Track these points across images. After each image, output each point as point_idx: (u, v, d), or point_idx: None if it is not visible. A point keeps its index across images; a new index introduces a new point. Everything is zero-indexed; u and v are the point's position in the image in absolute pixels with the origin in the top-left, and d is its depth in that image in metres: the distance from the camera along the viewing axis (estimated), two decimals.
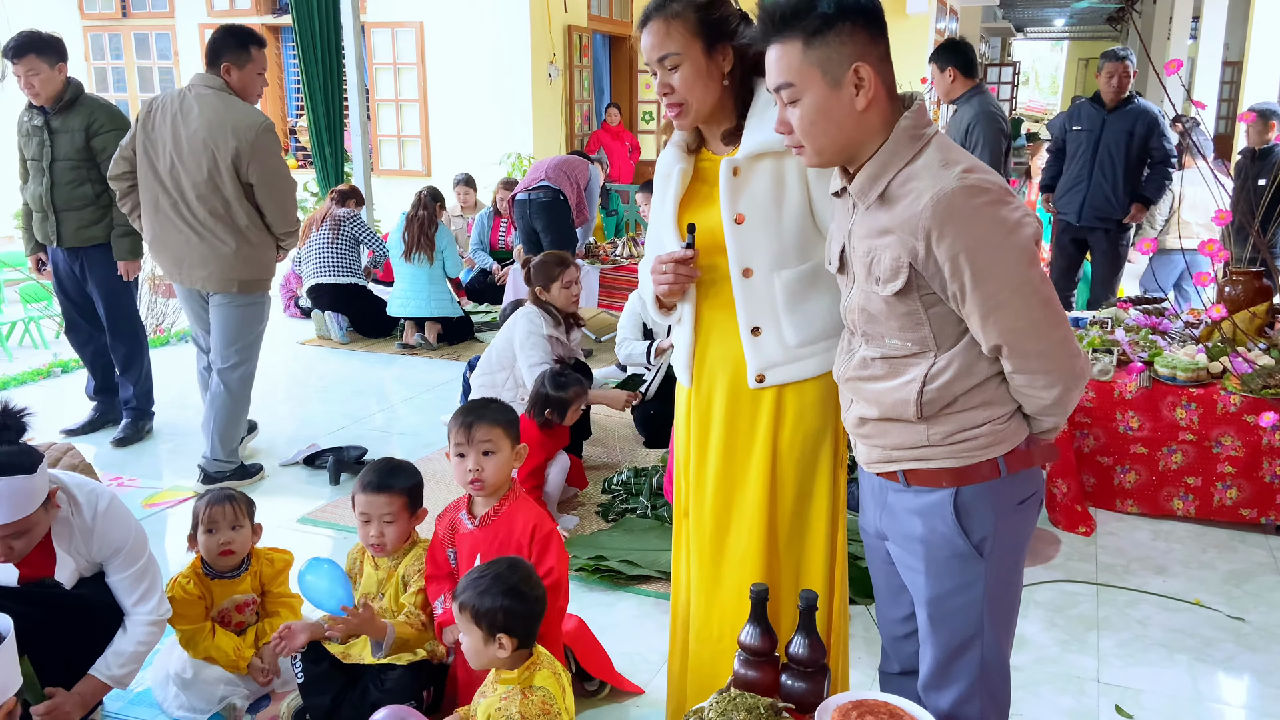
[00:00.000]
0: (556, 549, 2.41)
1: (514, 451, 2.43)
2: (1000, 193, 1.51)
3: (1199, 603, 3.14)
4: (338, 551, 3.53)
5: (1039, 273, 1.54)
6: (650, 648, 2.87)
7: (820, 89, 1.54)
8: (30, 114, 4.37)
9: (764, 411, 1.96)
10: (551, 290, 4.20)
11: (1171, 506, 3.77)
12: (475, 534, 2.43)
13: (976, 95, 5.05)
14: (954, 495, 1.64)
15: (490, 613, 1.97)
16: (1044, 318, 1.54)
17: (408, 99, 8.62)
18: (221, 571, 2.63)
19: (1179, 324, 4.42)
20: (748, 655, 1.74)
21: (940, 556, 1.67)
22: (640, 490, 3.83)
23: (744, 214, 1.89)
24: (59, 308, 4.79)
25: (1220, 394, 3.65)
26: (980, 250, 1.50)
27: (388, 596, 2.46)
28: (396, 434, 4.80)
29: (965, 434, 1.62)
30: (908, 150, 1.56)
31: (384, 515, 2.43)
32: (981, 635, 1.70)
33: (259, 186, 3.83)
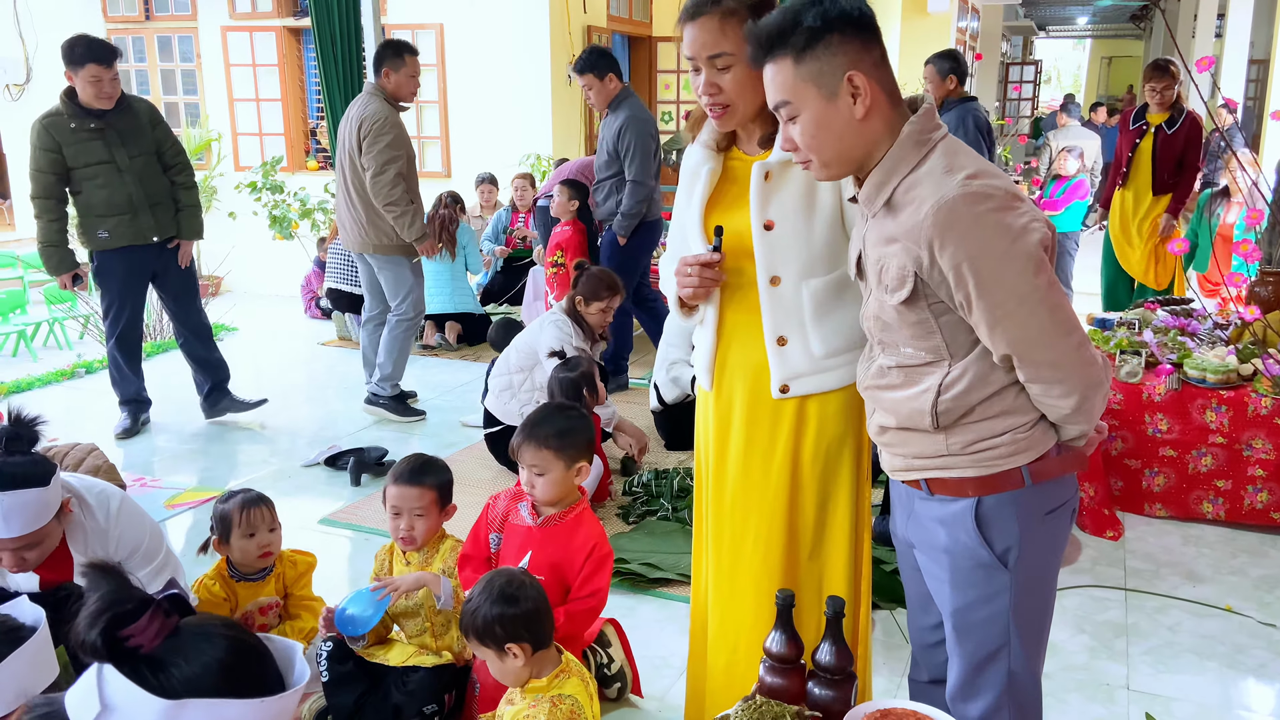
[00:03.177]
0: (608, 573, 2.41)
1: (570, 470, 2.40)
2: (1005, 198, 1.47)
3: (1230, 609, 3.09)
4: (358, 553, 3.53)
5: (1047, 279, 1.49)
6: (672, 652, 2.85)
7: (816, 103, 1.53)
8: (78, 119, 4.30)
9: (785, 421, 1.91)
10: (591, 307, 4.19)
11: (1201, 510, 3.71)
12: (532, 530, 2.41)
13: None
14: (975, 505, 1.60)
15: (487, 626, 1.94)
16: (1053, 326, 1.50)
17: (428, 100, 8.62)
18: (250, 574, 2.63)
19: (1208, 324, 4.36)
20: (773, 662, 1.71)
21: (964, 567, 1.64)
22: (661, 492, 3.81)
23: (774, 220, 1.84)
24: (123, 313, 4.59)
25: (1251, 396, 3.59)
26: (984, 259, 1.46)
27: (420, 593, 2.45)
28: (417, 435, 4.79)
29: (985, 443, 1.58)
30: (913, 156, 1.54)
31: (415, 509, 2.42)
32: (1008, 647, 1.66)
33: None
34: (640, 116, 5.04)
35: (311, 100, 9.38)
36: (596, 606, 2.38)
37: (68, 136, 4.31)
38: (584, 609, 2.37)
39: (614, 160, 5.08)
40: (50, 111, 4.34)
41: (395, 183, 4.57)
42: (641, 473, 4.01)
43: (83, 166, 4.35)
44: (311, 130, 9.74)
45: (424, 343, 6.34)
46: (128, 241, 4.46)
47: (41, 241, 4.41)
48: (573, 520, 2.41)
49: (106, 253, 4.46)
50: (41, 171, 4.32)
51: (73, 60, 4.24)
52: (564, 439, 2.38)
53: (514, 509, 2.50)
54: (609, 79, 5.04)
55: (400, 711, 2.36)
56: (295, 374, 5.84)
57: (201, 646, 1.13)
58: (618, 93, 5.08)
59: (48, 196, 4.35)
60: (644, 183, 5.07)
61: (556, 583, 2.40)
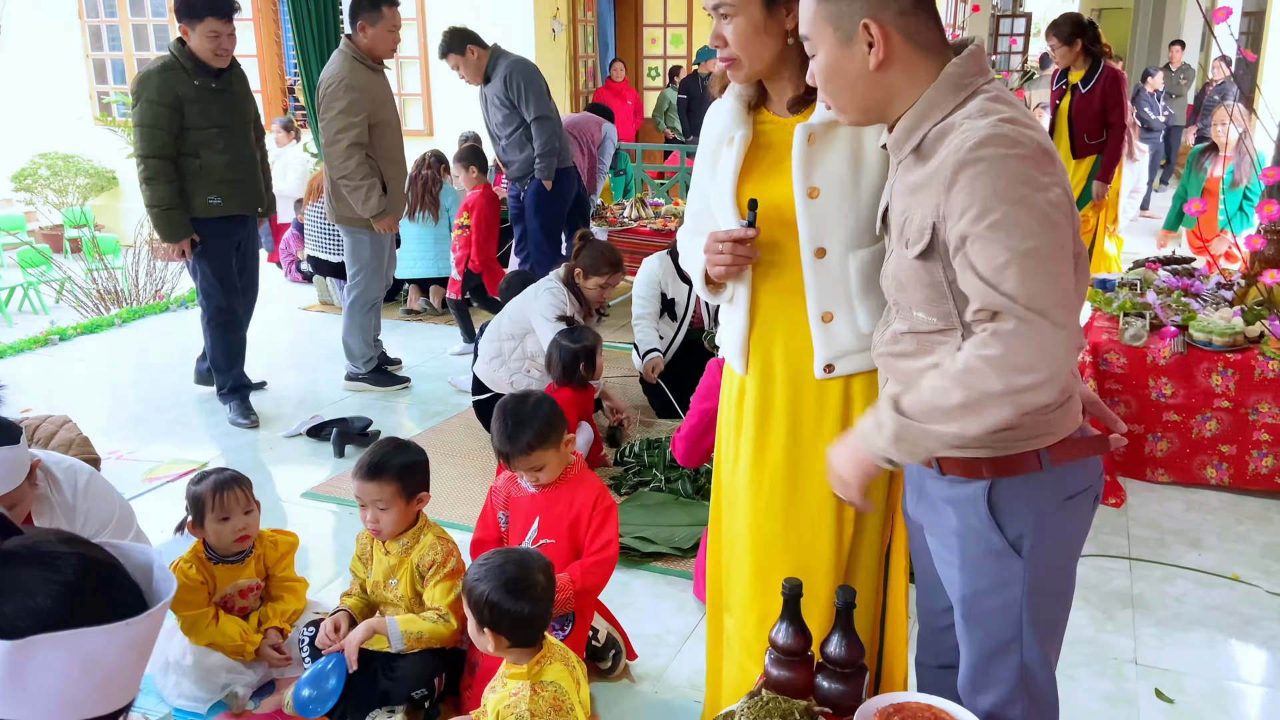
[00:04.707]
0: (615, 523, 2.40)
1: (560, 446, 2.38)
2: (1036, 151, 1.33)
3: (1237, 578, 3.03)
4: (343, 527, 3.43)
5: (1057, 240, 1.31)
6: (668, 629, 2.77)
7: (832, 45, 1.44)
8: (201, 77, 3.98)
9: (831, 403, 1.78)
10: (590, 281, 4.05)
11: (1204, 475, 3.64)
12: (534, 497, 2.41)
13: None
14: (988, 488, 1.50)
15: (479, 603, 1.87)
16: (1040, 292, 1.30)
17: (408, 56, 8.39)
18: (226, 556, 2.52)
19: (1211, 285, 4.27)
20: (780, 654, 1.62)
21: (975, 552, 1.54)
22: (654, 463, 3.71)
23: (819, 186, 1.68)
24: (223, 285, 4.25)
25: (1258, 359, 3.51)
26: (995, 200, 1.30)
27: (401, 584, 2.35)
28: (403, 403, 4.68)
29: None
30: (949, 100, 1.41)
31: (376, 502, 2.31)
32: (1020, 639, 1.56)
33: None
34: (520, 60, 5.04)
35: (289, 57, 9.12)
36: (610, 557, 2.39)
37: (190, 93, 3.98)
38: (597, 561, 2.37)
39: (511, 113, 5.03)
40: (167, 64, 3.98)
41: (348, 154, 4.32)
42: (633, 442, 3.91)
43: (204, 128, 4.02)
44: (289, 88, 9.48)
45: (408, 307, 6.20)
46: (236, 210, 4.19)
47: (159, 205, 4.00)
48: (574, 479, 2.42)
49: (211, 220, 4.13)
50: (157, 128, 3.94)
51: (191, 13, 3.94)
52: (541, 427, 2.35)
53: (514, 484, 2.48)
54: (470, 51, 4.97)
55: (388, 697, 2.28)
56: (276, 341, 5.69)
57: (37, 571, 0.97)
58: (487, 58, 5.02)
59: (164, 156, 3.98)
60: (548, 116, 5.03)
61: (568, 541, 2.38)
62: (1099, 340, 3.75)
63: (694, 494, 3.50)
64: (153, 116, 3.93)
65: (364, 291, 4.68)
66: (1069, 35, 5.11)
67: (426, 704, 2.31)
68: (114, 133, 8.51)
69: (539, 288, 4.08)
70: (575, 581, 2.30)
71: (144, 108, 3.94)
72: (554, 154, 5.07)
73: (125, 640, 0.99)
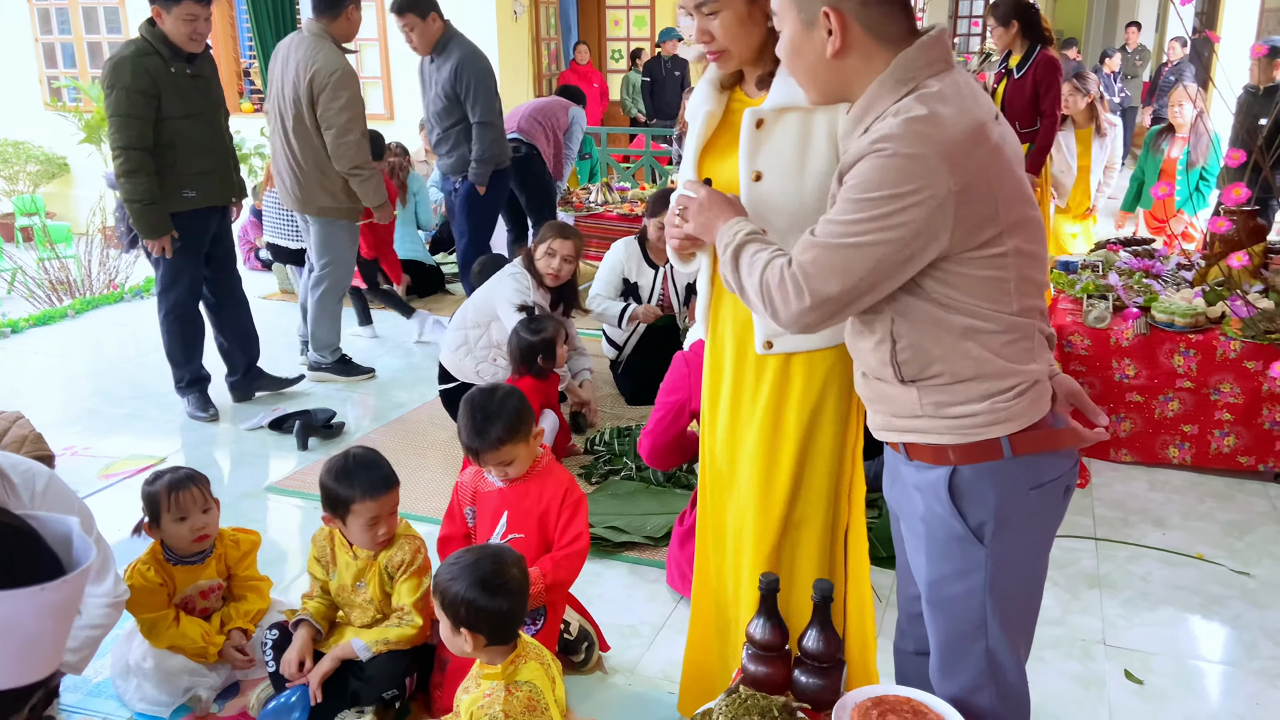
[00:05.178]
0: (584, 515, 2.37)
1: (529, 439, 2.33)
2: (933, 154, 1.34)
3: (1201, 557, 3.06)
4: (308, 521, 3.37)
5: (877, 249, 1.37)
6: (641, 620, 2.75)
7: (795, 26, 1.47)
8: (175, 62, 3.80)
9: (769, 377, 1.85)
10: (537, 250, 4.00)
11: (1167, 455, 3.68)
12: (502, 492, 2.37)
13: None
14: (950, 474, 1.50)
15: (455, 603, 1.82)
16: (823, 281, 1.41)
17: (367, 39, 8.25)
18: (186, 557, 2.46)
19: (1171, 265, 4.31)
20: (757, 650, 1.61)
21: (939, 537, 1.55)
22: (625, 451, 3.68)
23: (763, 171, 1.75)
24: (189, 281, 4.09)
25: (1219, 340, 3.55)
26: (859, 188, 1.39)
27: (371, 586, 2.31)
28: (367, 393, 4.60)
29: (961, 408, 1.48)
30: (892, 94, 1.42)
31: (390, 509, 2.28)
32: (985, 627, 1.56)
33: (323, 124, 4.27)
34: (475, 53, 4.69)
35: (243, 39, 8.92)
36: (581, 549, 2.35)
37: (165, 79, 3.78)
38: (568, 554, 2.33)
39: (454, 106, 4.73)
40: (140, 49, 3.76)
41: (361, 144, 4.28)
42: (603, 430, 3.88)
43: (179, 116, 3.83)
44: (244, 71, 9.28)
45: None
46: (212, 202, 4.02)
47: (140, 199, 3.78)
48: (542, 472, 2.38)
49: (184, 215, 3.94)
50: (134, 116, 3.73)
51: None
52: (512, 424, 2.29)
53: (481, 478, 2.43)
54: (432, 18, 4.62)
55: (358, 698, 2.23)
56: None
57: None
58: (442, 32, 4.68)
59: (142, 146, 3.76)
60: (492, 123, 4.75)
61: (538, 535, 2.35)
62: (1063, 323, 3.78)
63: (665, 482, 3.48)
64: (129, 105, 3.74)
65: (338, 281, 4.62)
66: (1004, 17, 4.96)
67: (397, 704, 2.28)
68: (65, 118, 8.28)
69: (503, 273, 4.03)
70: (546, 575, 2.27)
71: (119, 96, 3.74)
72: (492, 161, 4.81)
73: (40, 607, 0.96)
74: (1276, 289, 3.74)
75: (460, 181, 4.90)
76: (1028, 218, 1.44)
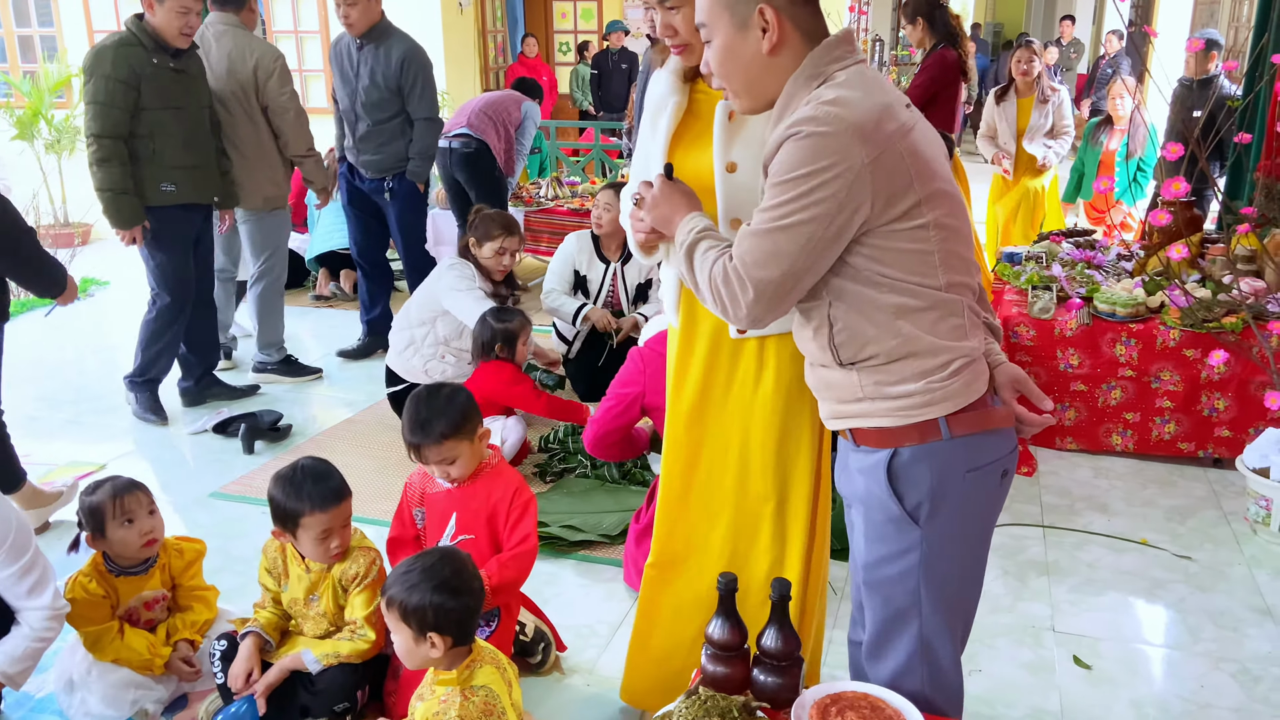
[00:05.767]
0: (533, 516, 2.34)
1: (475, 439, 2.29)
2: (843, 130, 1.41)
3: (1146, 542, 3.13)
4: (255, 529, 3.29)
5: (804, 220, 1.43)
6: (598, 619, 2.74)
7: (728, 30, 1.52)
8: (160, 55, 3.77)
9: (745, 360, 1.89)
10: (484, 248, 3.97)
11: (1110, 442, 3.76)
12: (451, 494, 2.33)
13: None
14: (890, 456, 1.54)
15: (419, 610, 1.79)
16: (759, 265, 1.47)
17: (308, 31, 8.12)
18: (131, 567, 2.39)
19: (1112, 256, 4.40)
20: (716, 650, 1.60)
21: (876, 519, 1.60)
22: (579, 449, 3.66)
23: (736, 162, 1.77)
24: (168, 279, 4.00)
25: (1159, 329, 3.63)
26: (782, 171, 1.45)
27: (324, 600, 2.26)
28: (314, 395, 4.52)
29: (898, 388, 1.51)
30: (805, 89, 1.50)
31: (343, 521, 2.23)
32: (919, 608, 1.59)
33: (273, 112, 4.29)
34: (419, 46, 4.56)
35: None
36: (529, 550, 2.32)
37: (148, 70, 3.73)
38: (514, 555, 2.30)
39: (393, 98, 4.50)
40: (124, 39, 3.72)
41: (308, 128, 4.39)
42: (557, 428, 3.85)
43: (159, 108, 3.78)
44: None
45: (317, 293, 6.01)
46: (192, 199, 3.96)
47: (111, 189, 3.74)
48: (490, 473, 2.35)
49: (165, 209, 3.88)
50: (113, 106, 3.68)
51: None
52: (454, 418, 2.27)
53: (430, 480, 2.40)
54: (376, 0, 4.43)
55: (308, 711, 2.19)
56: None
57: None
58: (380, 19, 4.48)
59: (117, 136, 3.71)
60: (438, 119, 4.63)
61: (487, 536, 2.32)
62: (1009, 314, 3.84)
63: (620, 479, 3.47)
64: (107, 93, 3.68)
65: (279, 275, 4.58)
66: (911, 13, 4.98)
67: (349, 717, 2.23)
68: None
69: (441, 267, 4.01)
70: (492, 577, 2.23)
71: (98, 83, 3.69)
72: (432, 158, 4.68)
73: None
74: (1213, 278, 3.84)
75: (394, 180, 4.65)
76: (944, 192, 1.50)
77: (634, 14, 10.45)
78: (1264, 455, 3.16)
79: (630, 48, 10.23)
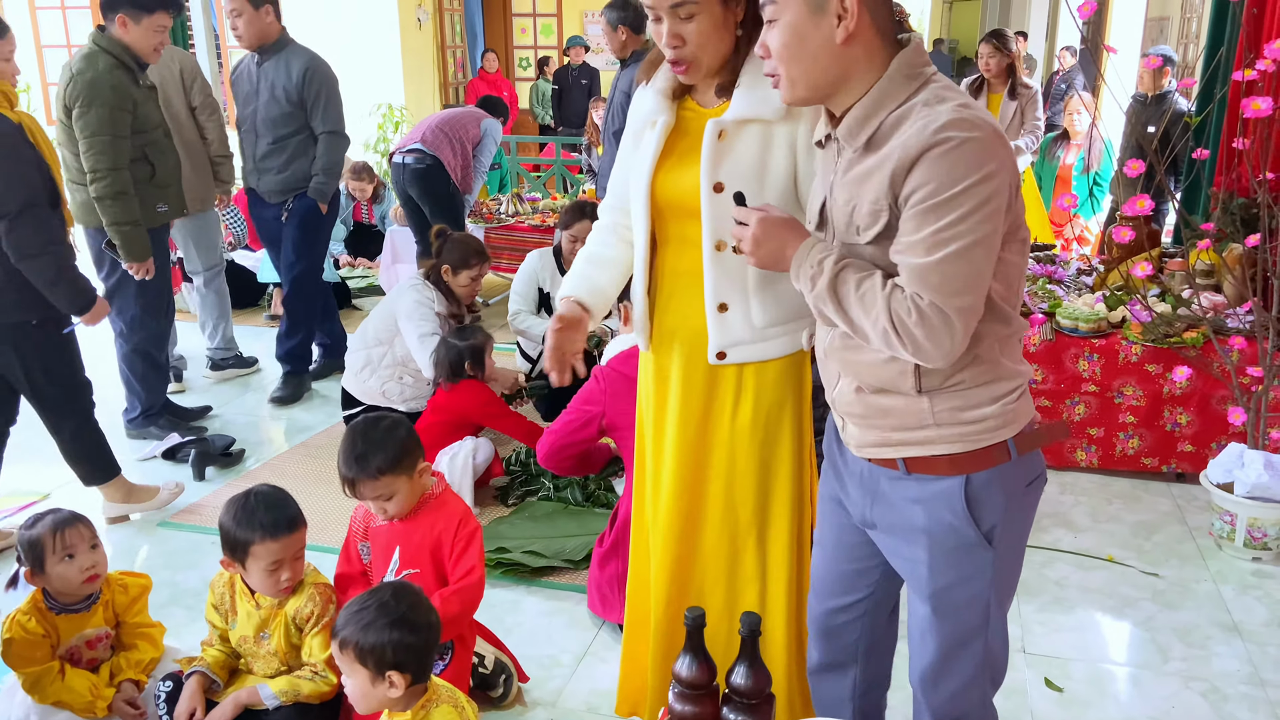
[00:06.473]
0: (479, 547, 2.24)
1: (414, 474, 2.19)
2: (992, 134, 1.36)
3: (1112, 559, 3.12)
4: (205, 559, 3.18)
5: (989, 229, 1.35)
6: (562, 649, 2.66)
7: (800, 11, 1.41)
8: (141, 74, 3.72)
9: (723, 387, 1.85)
10: (460, 276, 3.89)
11: (1075, 458, 3.76)
12: (393, 527, 2.24)
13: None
14: (964, 483, 1.49)
15: (377, 648, 1.72)
16: (961, 289, 1.35)
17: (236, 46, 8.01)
18: (72, 604, 2.28)
19: (1072, 270, 4.43)
20: (683, 688, 1.54)
21: (946, 547, 1.54)
22: (542, 471, 3.58)
23: (724, 182, 1.71)
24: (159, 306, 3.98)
25: (1121, 344, 3.64)
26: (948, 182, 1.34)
27: (275, 638, 2.16)
28: (268, 418, 4.40)
29: (974, 413, 1.46)
30: (902, 90, 1.42)
31: (295, 553, 2.14)
32: (987, 625, 1.59)
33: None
34: (322, 59, 4.32)
35: None
36: (475, 583, 2.21)
37: (139, 94, 3.67)
38: (458, 589, 2.20)
39: (295, 113, 4.25)
40: (111, 63, 3.60)
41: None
42: (519, 450, 3.78)
43: (150, 130, 3.72)
44: None
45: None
46: (176, 215, 3.96)
47: (130, 221, 3.62)
48: (434, 504, 2.25)
49: (157, 230, 3.83)
50: (121, 137, 3.58)
51: (141, 4, 3.55)
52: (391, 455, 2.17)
53: (371, 512, 2.30)
54: (265, 10, 4.16)
55: None
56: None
57: None
58: (279, 34, 4.26)
59: (124, 167, 3.60)
60: (343, 133, 4.40)
61: (432, 570, 2.24)
62: None
63: (584, 501, 3.41)
64: (113, 124, 3.57)
65: (222, 270, 4.72)
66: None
67: None
68: None
69: (402, 286, 3.91)
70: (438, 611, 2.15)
71: (101, 115, 3.54)
72: (339, 176, 4.48)
73: None
74: (1173, 292, 3.86)
75: (294, 199, 4.38)
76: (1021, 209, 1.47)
77: (594, 29, 10.43)
78: (1227, 470, 3.17)
79: (591, 63, 10.21)
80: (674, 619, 1.98)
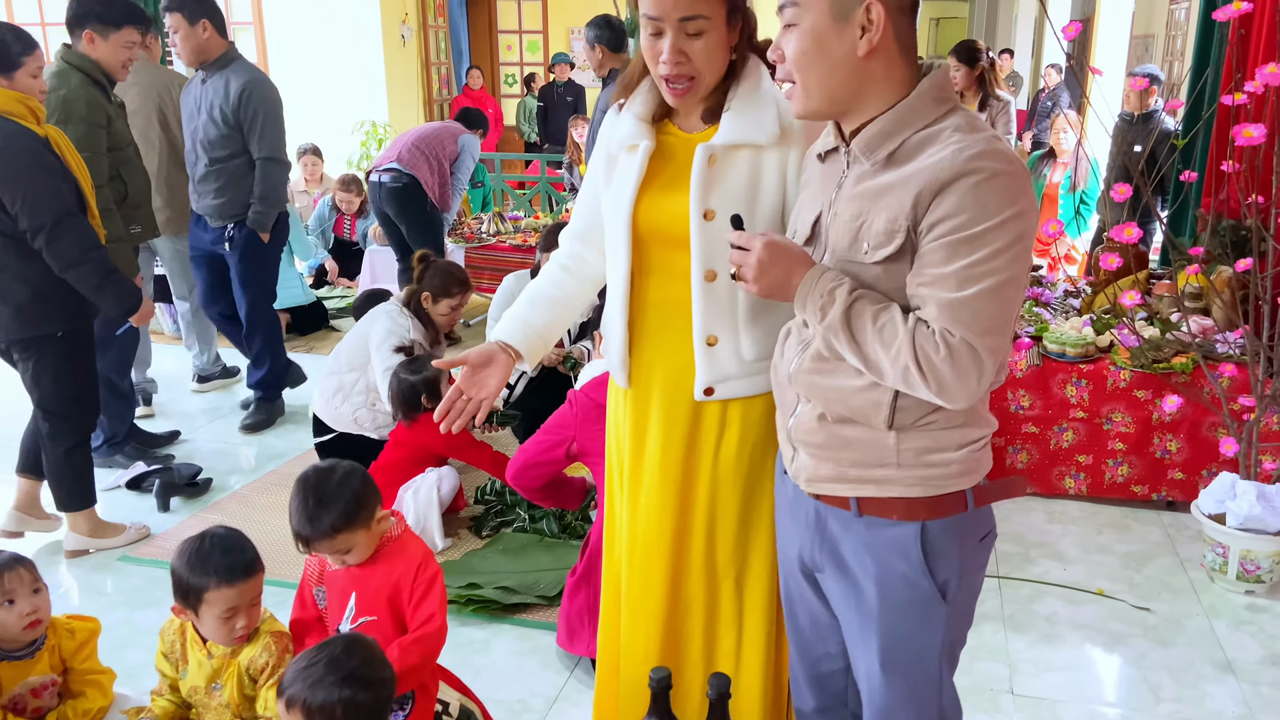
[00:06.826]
0: (440, 593, 2.12)
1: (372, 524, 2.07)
2: (1021, 170, 1.31)
3: (1102, 592, 3.04)
4: (166, 596, 3.05)
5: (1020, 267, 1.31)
6: (532, 692, 2.56)
7: (823, 17, 1.35)
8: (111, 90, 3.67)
9: (707, 424, 1.75)
10: (440, 305, 3.79)
11: (1063, 486, 3.68)
12: (350, 572, 2.11)
13: None
14: (920, 531, 1.41)
15: (326, 708, 1.62)
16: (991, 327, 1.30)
17: None
18: (14, 650, 2.17)
19: (1059, 293, 4.36)
20: None
21: (899, 599, 1.45)
22: (517, 501, 3.48)
23: (714, 209, 1.62)
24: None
25: (1110, 370, 3.56)
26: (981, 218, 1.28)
27: (227, 689, 2.05)
28: (238, 445, 4.29)
29: (938, 456, 1.39)
30: (931, 112, 1.37)
31: (251, 599, 2.04)
32: (940, 682, 1.51)
33: None
34: (265, 79, 4.08)
35: None
36: (435, 631, 2.08)
37: (111, 110, 3.60)
38: (417, 639, 2.07)
39: (232, 135, 4.01)
40: (83, 80, 3.50)
41: None
42: (493, 480, 3.68)
43: (123, 147, 3.64)
44: None
45: None
46: (150, 237, 3.92)
47: (111, 240, 3.42)
48: (392, 548, 2.12)
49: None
50: (96, 154, 3.45)
51: (108, 19, 3.45)
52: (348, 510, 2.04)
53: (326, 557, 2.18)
54: (203, 26, 3.89)
55: None
56: None
57: None
58: (223, 50, 4.00)
59: (102, 185, 3.50)
60: (283, 159, 4.14)
61: (389, 617, 2.12)
62: None
63: (560, 533, 3.31)
64: (89, 141, 3.46)
65: None
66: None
67: None
68: None
69: (377, 312, 3.79)
70: (395, 664, 2.03)
71: (77, 132, 3.40)
72: (279, 203, 4.18)
73: None
74: (1161, 315, 3.80)
75: (234, 228, 4.15)
76: None
77: (579, 46, 10.39)
78: (1219, 501, 3.09)
79: (576, 80, 10.16)
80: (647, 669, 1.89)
